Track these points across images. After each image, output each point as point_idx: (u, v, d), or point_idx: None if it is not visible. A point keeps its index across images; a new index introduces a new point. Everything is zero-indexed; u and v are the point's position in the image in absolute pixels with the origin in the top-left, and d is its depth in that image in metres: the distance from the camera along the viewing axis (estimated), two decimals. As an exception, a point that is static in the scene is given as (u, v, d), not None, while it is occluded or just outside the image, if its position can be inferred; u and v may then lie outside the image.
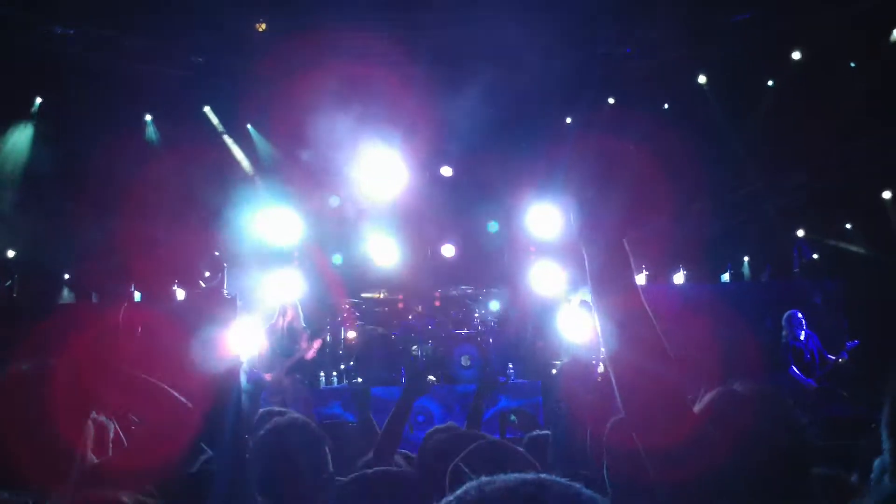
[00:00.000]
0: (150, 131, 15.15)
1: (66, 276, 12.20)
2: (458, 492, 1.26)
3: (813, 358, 11.30)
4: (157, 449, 3.21)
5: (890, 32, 13.70)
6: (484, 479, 1.28)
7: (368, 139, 15.20)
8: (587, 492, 1.27)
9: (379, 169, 15.57)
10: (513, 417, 9.80)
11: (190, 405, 3.36)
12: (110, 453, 3.55)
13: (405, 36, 14.45)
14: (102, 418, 3.53)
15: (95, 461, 3.08)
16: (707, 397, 2.39)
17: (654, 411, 2.13)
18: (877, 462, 3.74)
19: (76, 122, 13.65)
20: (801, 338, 11.36)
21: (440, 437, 3.98)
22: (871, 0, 13.08)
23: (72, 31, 13.60)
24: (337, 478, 3.57)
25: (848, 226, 14.51)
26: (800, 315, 11.47)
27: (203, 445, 3.56)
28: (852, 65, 14.35)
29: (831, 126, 13.95)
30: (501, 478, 1.27)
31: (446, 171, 16.27)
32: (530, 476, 1.29)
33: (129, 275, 12.19)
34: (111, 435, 3.62)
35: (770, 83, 15.11)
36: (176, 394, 3.39)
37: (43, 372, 2.61)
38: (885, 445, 2.60)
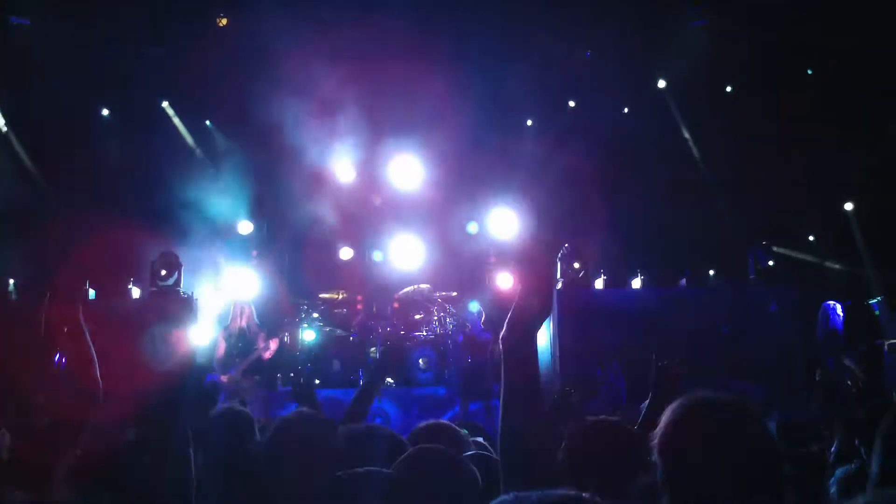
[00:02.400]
0: (106, 126, 14.93)
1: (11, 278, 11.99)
2: (494, 502, 1.24)
3: None
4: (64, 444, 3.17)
5: (847, 39, 13.86)
6: (521, 493, 1.25)
7: (329, 136, 15.15)
8: None
9: (339, 169, 15.55)
10: (464, 431, 9.77)
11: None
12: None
13: (365, 34, 14.41)
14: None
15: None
16: (674, 405, 2.38)
17: None
18: (838, 472, 3.76)
19: (33, 115, 13.44)
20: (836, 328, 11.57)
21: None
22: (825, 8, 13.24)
23: (28, 22, 13.39)
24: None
25: (811, 238, 14.68)
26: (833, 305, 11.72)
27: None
28: (809, 71, 14.52)
29: (789, 134, 14.11)
30: (537, 493, 1.24)
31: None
32: (571, 493, 1.25)
33: (83, 273, 12.00)
34: (7, 443, 3.58)
35: (728, 89, 15.24)
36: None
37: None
38: (876, 461, 2.60)
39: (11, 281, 12.02)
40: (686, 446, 2.27)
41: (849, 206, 14.46)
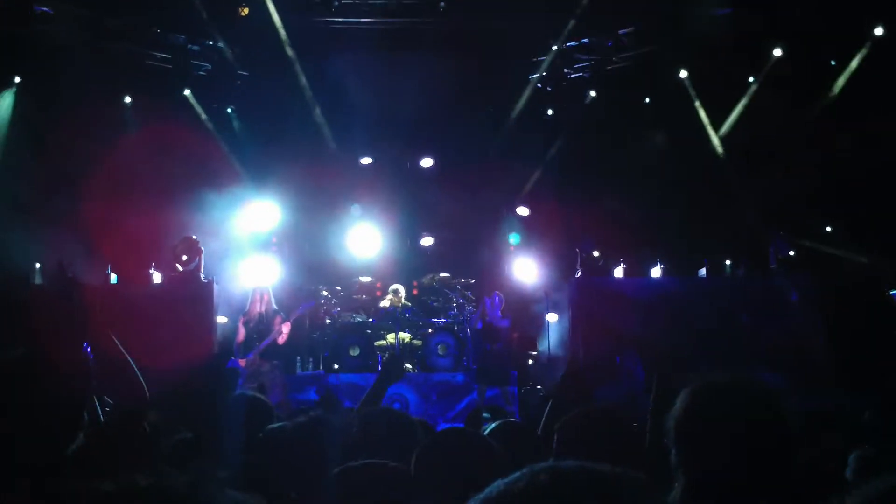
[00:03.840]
0: (129, 113, 15.01)
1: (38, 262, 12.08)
2: (481, 495, 1.23)
3: None
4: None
5: (869, 28, 13.78)
6: (559, 462, 1.24)
7: (347, 126, 15.22)
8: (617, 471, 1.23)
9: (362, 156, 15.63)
10: (486, 414, 9.82)
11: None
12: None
13: (388, 22, 14.45)
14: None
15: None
16: (688, 388, 2.39)
17: None
18: (854, 454, 3.77)
19: (55, 103, 13.51)
20: None
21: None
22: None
23: (51, 11, 13.46)
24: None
25: (828, 228, 14.60)
26: None
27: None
28: (832, 62, 14.42)
29: (811, 124, 14.03)
30: (578, 464, 1.23)
31: (427, 161, 16.26)
32: (618, 470, 1.23)
33: (105, 258, 12.09)
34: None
35: (751, 79, 15.16)
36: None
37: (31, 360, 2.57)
38: None
39: (38, 265, 12.12)
40: (700, 429, 2.28)
41: (866, 197, 14.36)
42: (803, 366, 11.44)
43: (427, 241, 15.90)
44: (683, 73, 15.40)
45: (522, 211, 15.83)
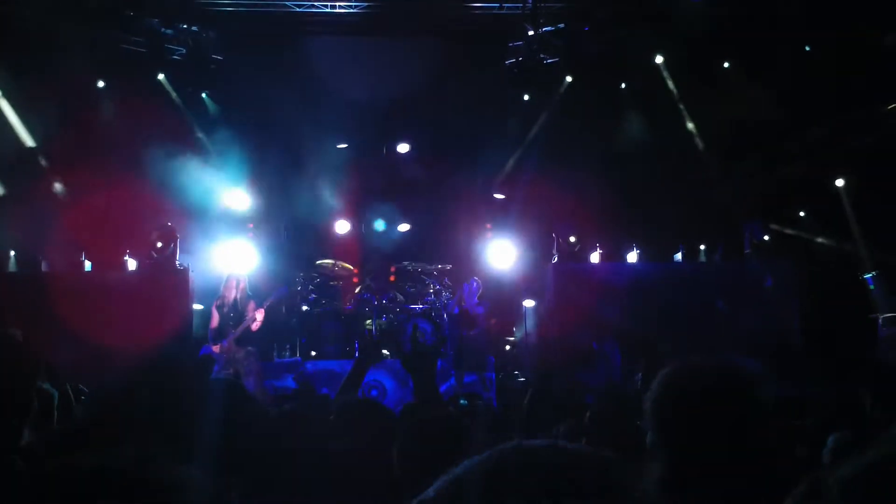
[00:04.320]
0: (103, 97, 14.87)
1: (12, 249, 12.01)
2: (450, 475, 1.23)
3: None
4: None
5: (846, 17, 13.83)
6: (525, 441, 1.24)
7: (323, 111, 15.15)
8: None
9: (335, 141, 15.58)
10: (463, 401, 9.83)
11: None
12: (55, 422, 3.51)
13: (369, 6, 14.39)
14: (46, 386, 3.49)
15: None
16: (665, 370, 2.39)
17: None
18: (830, 440, 3.80)
19: (28, 87, 13.37)
20: None
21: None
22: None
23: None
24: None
25: (801, 213, 14.69)
26: None
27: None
28: (807, 48, 14.47)
29: (787, 111, 14.09)
30: (545, 442, 1.22)
31: (402, 146, 16.24)
32: (586, 448, 1.23)
33: (79, 244, 12.01)
34: (55, 403, 3.57)
35: (726, 65, 15.19)
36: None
37: None
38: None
39: (12, 253, 12.03)
40: (677, 411, 2.28)
41: (840, 183, 14.46)
42: (778, 350, 11.52)
43: (403, 227, 15.87)
44: (659, 59, 15.42)
45: (498, 196, 15.84)
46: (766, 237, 13.08)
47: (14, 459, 2.42)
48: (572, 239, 12.65)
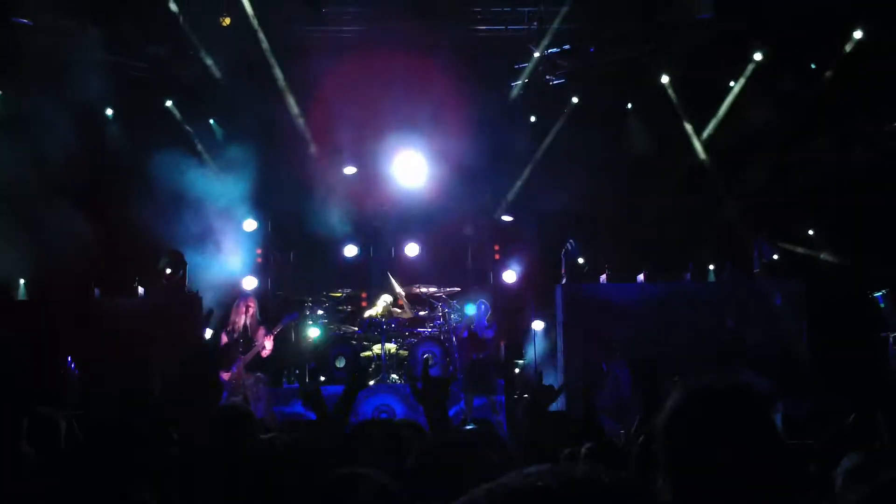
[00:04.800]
0: (112, 126, 14.95)
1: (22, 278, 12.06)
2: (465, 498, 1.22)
3: None
4: None
5: (849, 33, 13.87)
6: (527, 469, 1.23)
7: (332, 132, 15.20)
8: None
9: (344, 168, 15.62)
10: (471, 426, 9.78)
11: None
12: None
13: (364, 30, 14.45)
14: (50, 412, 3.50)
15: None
16: (676, 391, 2.39)
17: None
18: (845, 462, 3.77)
19: (37, 115, 13.43)
20: None
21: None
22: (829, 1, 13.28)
23: (30, 22, 13.39)
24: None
25: (810, 232, 14.66)
26: None
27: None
28: (812, 66, 14.50)
29: (793, 128, 14.10)
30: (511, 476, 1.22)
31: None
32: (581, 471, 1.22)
33: (90, 272, 12.04)
34: (62, 432, 3.59)
35: (731, 84, 15.21)
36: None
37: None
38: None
39: (22, 281, 12.06)
40: (687, 431, 2.27)
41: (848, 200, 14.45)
42: (787, 369, 11.49)
43: (412, 249, 15.86)
44: (665, 78, 15.44)
45: (506, 218, 15.83)
46: (775, 255, 13.05)
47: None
48: (581, 260, 12.65)
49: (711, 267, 13.58)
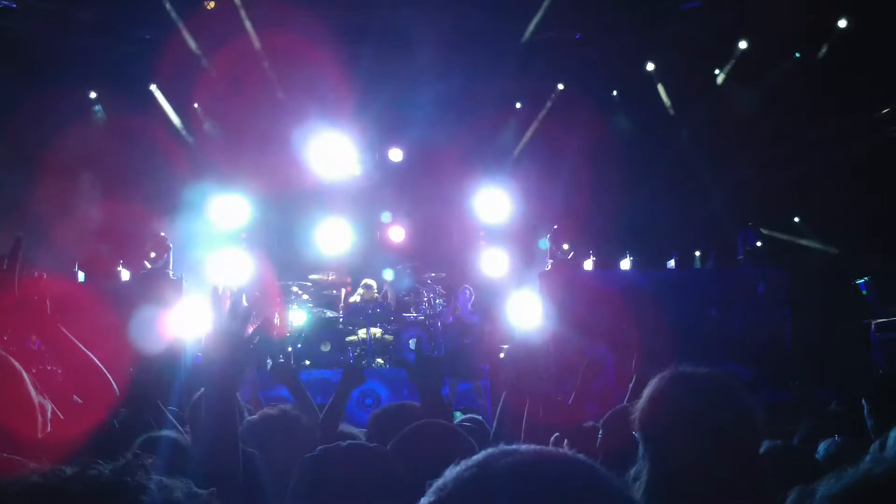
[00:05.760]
0: (95, 109, 14.88)
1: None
2: (482, 454, 1.24)
3: None
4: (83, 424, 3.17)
5: (835, 21, 13.87)
6: (509, 446, 1.26)
7: (317, 120, 15.16)
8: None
9: (328, 150, 15.57)
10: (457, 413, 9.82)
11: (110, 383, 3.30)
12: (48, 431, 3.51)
13: (354, 16, 14.39)
14: (39, 399, 3.48)
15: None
16: (654, 380, 2.41)
17: None
18: (822, 447, 3.82)
19: (19, 99, 13.34)
20: None
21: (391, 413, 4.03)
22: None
23: (14, 5, 13.30)
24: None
25: (796, 219, 14.72)
26: None
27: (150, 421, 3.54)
28: (797, 55, 14.53)
29: (778, 118, 14.15)
30: (531, 448, 1.24)
31: (395, 154, 16.25)
32: (571, 454, 1.25)
33: (72, 255, 11.99)
34: (49, 415, 3.58)
35: (717, 72, 15.24)
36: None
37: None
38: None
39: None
40: (665, 420, 2.29)
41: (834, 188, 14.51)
42: (770, 358, 11.54)
43: (397, 233, 15.87)
44: (650, 66, 15.45)
45: (492, 203, 15.82)
46: (759, 243, 13.09)
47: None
48: (565, 246, 12.65)
49: (698, 254, 13.63)
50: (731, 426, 2.25)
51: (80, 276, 11.72)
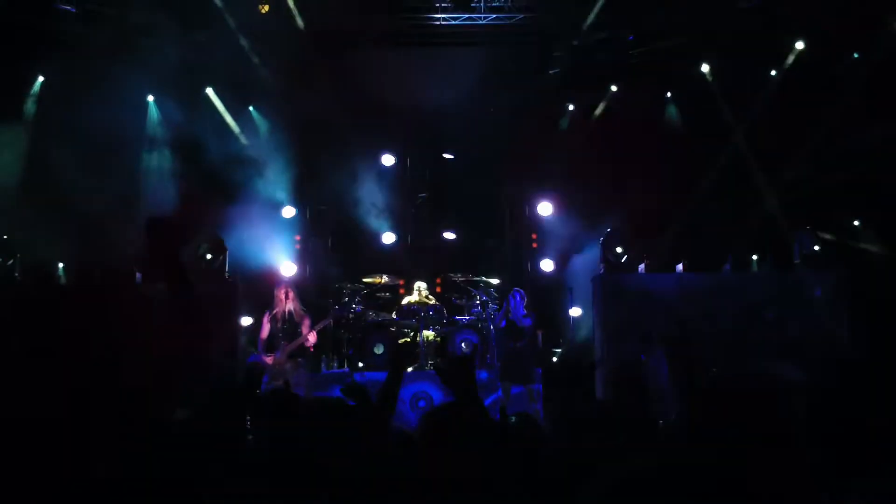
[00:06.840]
0: (153, 111, 15.08)
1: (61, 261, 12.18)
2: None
3: None
4: None
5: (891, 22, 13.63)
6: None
7: (369, 123, 15.24)
8: None
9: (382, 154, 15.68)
10: (514, 418, 9.79)
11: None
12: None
13: (403, 19, 14.45)
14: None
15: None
16: (702, 387, 2.42)
17: None
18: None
19: (78, 102, 13.56)
20: None
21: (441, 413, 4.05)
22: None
23: (73, 9, 13.52)
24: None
25: (856, 223, 14.46)
26: None
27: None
28: (856, 55, 14.30)
29: (836, 118, 13.92)
30: None
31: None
32: None
33: (131, 257, 12.15)
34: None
35: (773, 73, 15.04)
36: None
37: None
38: None
39: (60, 265, 12.18)
40: (711, 423, 2.29)
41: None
42: (826, 360, 11.37)
43: (450, 236, 15.90)
44: (705, 67, 15.30)
45: (545, 207, 15.76)
46: (816, 247, 12.89)
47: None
48: (619, 250, 12.57)
49: (755, 258, 13.47)
50: (772, 427, 2.25)
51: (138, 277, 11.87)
